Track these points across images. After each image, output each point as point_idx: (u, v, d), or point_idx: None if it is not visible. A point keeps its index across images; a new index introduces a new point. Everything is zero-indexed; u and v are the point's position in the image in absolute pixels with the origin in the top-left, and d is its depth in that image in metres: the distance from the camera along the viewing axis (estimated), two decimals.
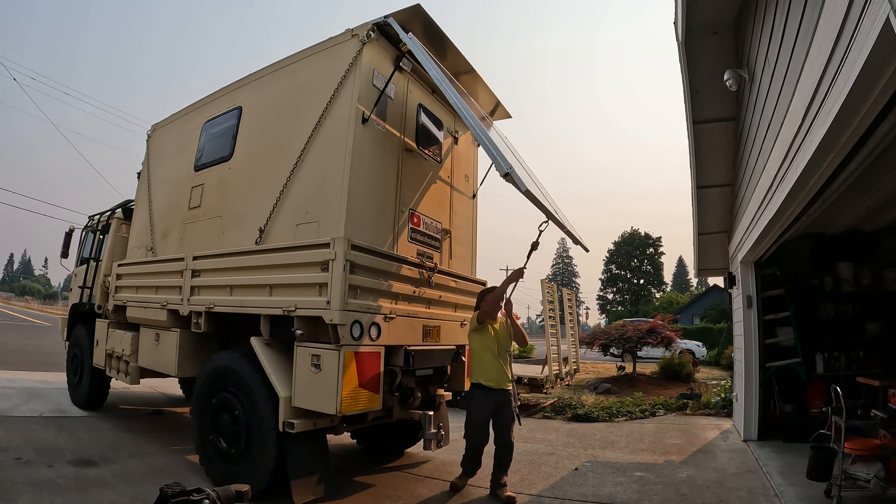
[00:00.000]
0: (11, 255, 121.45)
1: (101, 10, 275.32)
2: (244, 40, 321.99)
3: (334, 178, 3.87)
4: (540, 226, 4.03)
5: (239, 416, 3.96)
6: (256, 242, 4.28)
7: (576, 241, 4.91)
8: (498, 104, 5.47)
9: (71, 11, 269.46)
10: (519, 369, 10.04)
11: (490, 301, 4.42)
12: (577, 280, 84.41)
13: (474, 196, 5.70)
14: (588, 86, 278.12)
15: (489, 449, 4.35)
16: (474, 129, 3.54)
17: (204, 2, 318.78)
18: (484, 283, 5.61)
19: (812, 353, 6.50)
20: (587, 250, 5.11)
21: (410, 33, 4.03)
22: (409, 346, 4.21)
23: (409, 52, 4.01)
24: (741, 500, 4.29)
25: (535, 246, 4.24)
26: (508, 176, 3.18)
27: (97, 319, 6.42)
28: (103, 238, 7.06)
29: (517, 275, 4.50)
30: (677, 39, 5.08)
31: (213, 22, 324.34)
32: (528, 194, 3.36)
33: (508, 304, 4.51)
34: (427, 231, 4.75)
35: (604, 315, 54.51)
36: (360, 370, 3.61)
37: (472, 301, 5.40)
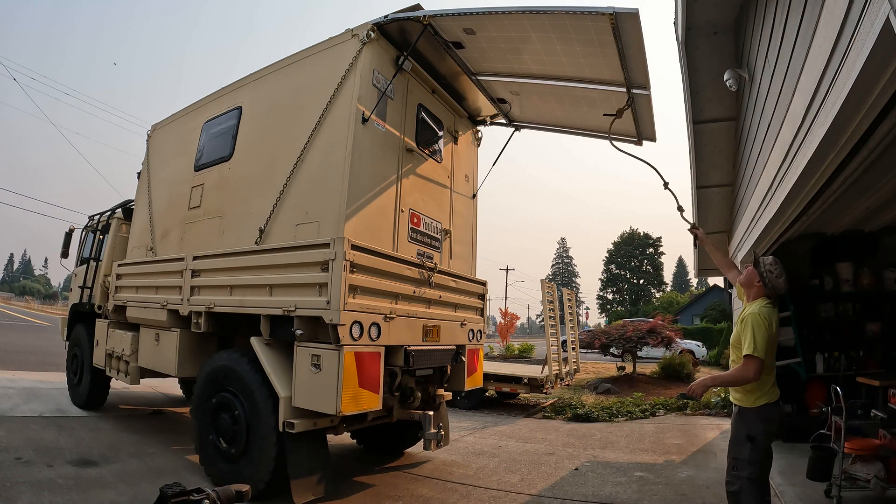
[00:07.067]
0: (11, 255, 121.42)
1: (102, 9, 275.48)
2: (245, 39, 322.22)
3: (334, 178, 3.87)
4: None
5: (239, 416, 3.96)
6: (256, 242, 4.28)
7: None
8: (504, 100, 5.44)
9: (70, 11, 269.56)
10: (519, 369, 10.04)
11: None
12: (577, 280, 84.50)
13: (474, 196, 5.70)
14: None
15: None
16: None
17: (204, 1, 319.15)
18: (484, 284, 5.61)
19: (812, 353, 6.49)
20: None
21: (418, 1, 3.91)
22: (409, 346, 4.21)
23: (431, 24, 3.83)
24: None
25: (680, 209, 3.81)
26: None
27: (97, 319, 6.43)
28: (103, 238, 7.06)
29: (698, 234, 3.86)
30: (677, 39, 5.06)
31: (212, 20, 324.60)
32: None
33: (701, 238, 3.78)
34: (427, 231, 4.75)
35: (604, 315, 54.54)
36: (360, 370, 3.61)
37: (472, 301, 5.39)
